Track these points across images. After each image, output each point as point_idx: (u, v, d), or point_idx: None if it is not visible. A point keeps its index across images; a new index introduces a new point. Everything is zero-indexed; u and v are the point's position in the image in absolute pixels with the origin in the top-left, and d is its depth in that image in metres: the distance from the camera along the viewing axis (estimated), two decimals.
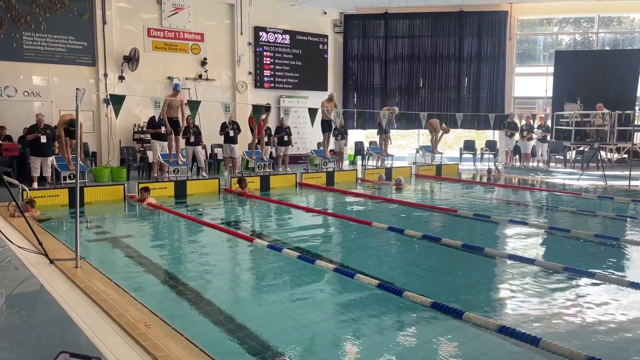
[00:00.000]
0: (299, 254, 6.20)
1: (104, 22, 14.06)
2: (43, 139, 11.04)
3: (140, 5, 14.76)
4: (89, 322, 4.01)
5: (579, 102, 16.82)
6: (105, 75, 14.17)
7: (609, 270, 5.77)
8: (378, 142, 16.39)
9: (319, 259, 6.06)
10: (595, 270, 5.54)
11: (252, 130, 13.87)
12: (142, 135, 14.17)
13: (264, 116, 13.44)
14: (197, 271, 5.94)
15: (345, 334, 4.17)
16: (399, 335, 4.20)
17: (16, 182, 9.09)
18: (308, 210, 9.93)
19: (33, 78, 13.39)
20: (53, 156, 11.21)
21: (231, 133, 13.62)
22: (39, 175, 11.07)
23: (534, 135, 17.20)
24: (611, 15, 18.99)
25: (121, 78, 14.35)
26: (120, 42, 14.36)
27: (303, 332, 4.15)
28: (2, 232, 6.25)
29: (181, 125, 12.06)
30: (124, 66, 14.35)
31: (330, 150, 15.75)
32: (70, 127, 10.49)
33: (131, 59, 14.29)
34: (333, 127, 14.96)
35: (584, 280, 5.40)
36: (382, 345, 3.97)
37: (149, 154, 12.91)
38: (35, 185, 10.83)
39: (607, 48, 19.01)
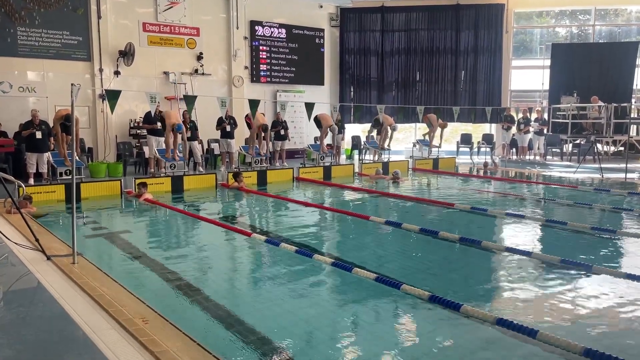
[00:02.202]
0: (296, 248, 6.20)
1: (99, 17, 13.97)
2: (38, 135, 10.99)
3: None
4: (86, 318, 4.00)
5: (575, 94, 16.83)
6: (101, 70, 14.11)
7: (605, 262, 5.79)
8: (375, 137, 16.36)
9: (317, 253, 6.07)
10: (592, 263, 5.56)
11: (249, 126, 13.85)
12: (138, 131, 14.12)
13: (263, 134, 13.48)
14: (195, 266, 5.93)
15: (343, 328, 4.18)
16: (397, 328, 4.21)
17: (12, 178, 9.06)
18: (305, 204, 9.92)
19: (28, 73, 13.31)
20: (49, 152, 11.16)
21: (228, 128, 13.59)
22: (34, 171, 11.03)
23: (531, 129, 17.21)
24: (608, 8, 18.97)
25: (117, 73, 14.29)
26: (115, 37, 14.28)
27: (301, 326, 4.15)
28: None
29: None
30: (119, 61, 14.28)
31: (327, 145, 15.72)
32: (66, 122, 10.45)
33: (127, 54, 14.22)
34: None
35: (580, 273, 5.42)
36: (380, 338, 3.97)
37: (145, 149, 12.88)
38: (31, 181, 10.79)
39: (604, 40, 19.00)
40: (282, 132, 14.93)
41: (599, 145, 15.95)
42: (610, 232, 7.15)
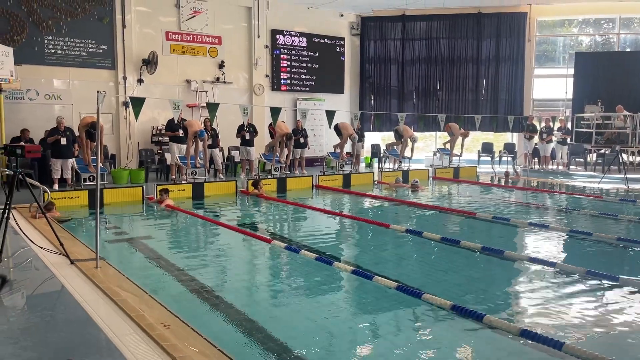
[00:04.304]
0: (316, 255, 6.18)
1: (124, 26, 14.23)
2: (63, 141, 11.19)
3: (159, 9, 14.92)
4: (109, 322, 4.03)
5: (599, 104, 16.56)
6: (125, 78, 14.34)
7: (632, 274, 5.65)
8: (397, 148, 16.27)
9: (337, 260, 6.05)
10: (619, 274, 5.43)
11: (272, 136, 13.96)
12: (160, 138, 14.29)
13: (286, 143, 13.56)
14: (216, 272, 5.96)
15: (363, 336, 4.14)
16: (418, 338, 4.16)
17: (37, 183, 9.22)
18: (325, 212, 9.91)
19: (54, 81, 13.59)
20: (73, 158, 11.35)
21: (247, 136, 13.68)
22: (59, 177, 11.22)
23: (554, 138, 16.97)
24: (633, 16, 18.67)
25: (140, 81, 14.51)
26: (139, 46, 14.52)
27: (321, 334, 4.13)
28: (24, 233, 6.33)
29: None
30: (142, 69, 14.51)
31: (347, 153, 15.72)
32: (91, 129, 10.63)
33: (150, 62, 14.44)
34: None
35: (607, 284, 5.30)
36: (401, 347, 3.93)
37: (167, 156, 13.02)
38: (55, 186, 10.98)
39: (629, 49, 18.70)
40: (302, 140, 14.96)
41: (624, 155, 15.65)
42: (636, 243, 6.99)
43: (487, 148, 18.10)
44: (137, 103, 8.80)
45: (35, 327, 3.98)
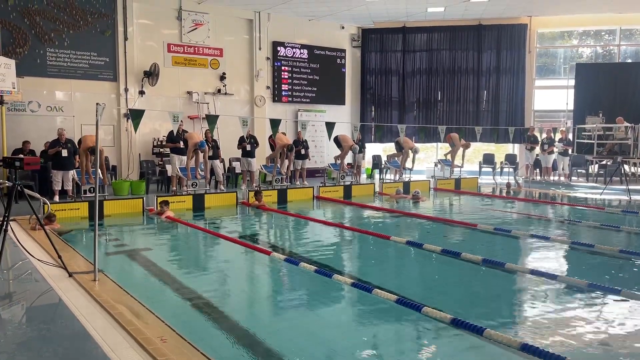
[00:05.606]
0: (316, 268, 6.14)
1: (126, 38, 14.31)
2: (64, 153, 11.21)
3: (160, 21, 15.01)
4: (106, 336, 4.00)
5: (601, 115, 16.56)
6: (126, 90, 14.39)
7: (634, 287, 5.60)
8: (397, 159, 16.26)
9: (337, 273, 6.01)
10: (621, 287, 5.38)
11: (272, 148, 13.97)
12: (161, 149, 14.31)
13: (287, 154, 13.56)
14: (215, 285, 5.92)
15: (362, 350, 4.09)
16: (418, 352, 4.11)
17: (37, 195, 9.21)
18: (325, 223, 9.88)
19: (56, 93, 13.64)
20: (74, 170, 11.36)
21: (248, 147, 13.69)
22: (60, 188, 11.23)
23: (555, 149, 16.96)
24: (633, 28, 18.73)
25: (141, 93, 14.56)
26: (141, 58, 14.59)
27: (320, 348, 4.09)
28: (22, 246, 6.31)
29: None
30: (144, 81, 14.56)
31: (348, 164, 15.71)
32: (92, 154, 10.65)
33: (151, 74, 14.50)
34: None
35: (609, 297, 5.25)
36: None
37: (168, 167, 13.02)
38: (56, 198, 10.98)
39: (630, 60, 18.73)
40: (303, 151, 14.96)
41: (625, 166, 15.61)
42: (639, 256, 6.93)
43: (488, 159, 18.09)
44: (137, 115, 8.78)
45: (32, 341, 3.94)
